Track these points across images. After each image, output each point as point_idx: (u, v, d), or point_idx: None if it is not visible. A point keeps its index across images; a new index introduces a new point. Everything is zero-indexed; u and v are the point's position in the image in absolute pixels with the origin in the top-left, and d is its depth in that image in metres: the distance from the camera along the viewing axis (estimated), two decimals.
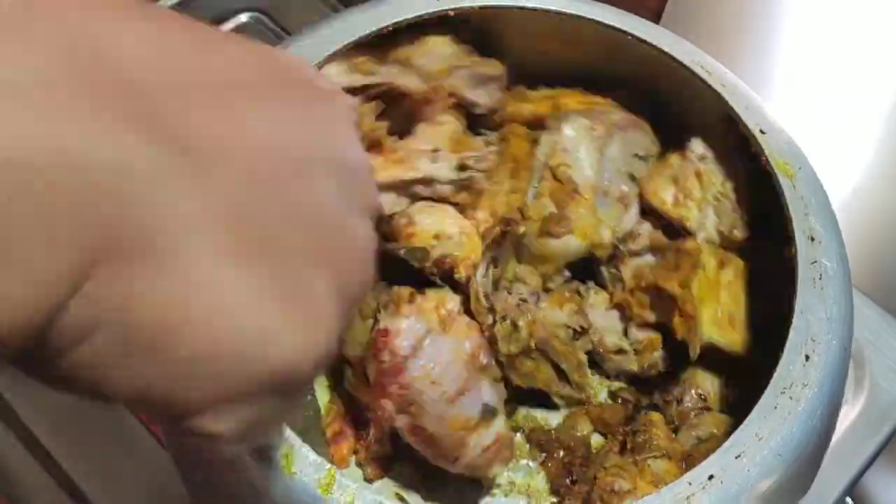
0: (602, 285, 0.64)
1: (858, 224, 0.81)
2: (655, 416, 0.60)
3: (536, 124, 0.65)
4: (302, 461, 0.46)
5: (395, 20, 0.62)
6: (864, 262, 0.76)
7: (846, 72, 0.87)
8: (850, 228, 0.60)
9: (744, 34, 0.90)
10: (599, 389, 0.65)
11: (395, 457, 0.60)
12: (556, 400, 0.62)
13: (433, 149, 0.59)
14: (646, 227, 0.63)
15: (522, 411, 0.64)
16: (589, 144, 0.62)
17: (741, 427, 0.48)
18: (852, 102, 0.87)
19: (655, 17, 0.89)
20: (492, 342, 0.55)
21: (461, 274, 0.55)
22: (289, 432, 0.46)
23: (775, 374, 0.50)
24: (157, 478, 0.68)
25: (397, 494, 0.59)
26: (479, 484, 0.60)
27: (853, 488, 0.70)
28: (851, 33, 0.86)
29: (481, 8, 0.64)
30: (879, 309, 0.76)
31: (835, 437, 0.59)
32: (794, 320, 0.51)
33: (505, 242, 0.58)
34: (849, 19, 0.86)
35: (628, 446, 0.58)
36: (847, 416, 0.72)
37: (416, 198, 0.59)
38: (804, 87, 0.88)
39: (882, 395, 0.73)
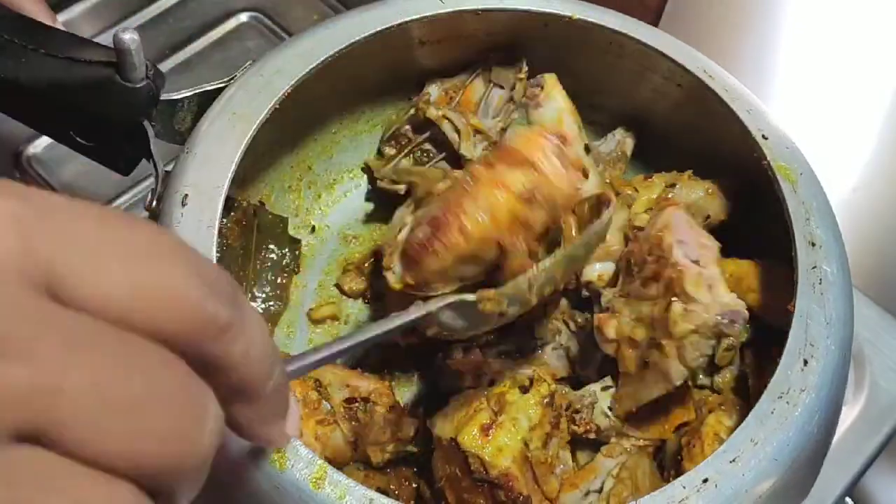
0: None
1: (858, 224, 0.81)
2: None
3: None
4: (293, 456, 0.46)
5: (395, 22, 0.63)
6: (864, 262, 0.76)
7: (846, 72, 0.86)
8: (850, 228, 0.60)
9: (744, 34, 0.90)
10: None
11: None
12: None
13: None
14: None
15: None
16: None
17: (737, 431, 0.48)
18: (852, 102, 0.86)
19: (655, 17, 0.89)
20: None
21: None
22: None
23: (773, 379, 0.50)
24: None
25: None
26: None
27: (853, 488, 0.70)
28: (851, 33, 0.86)
29: (481, 11, 0.64)
30: (879, 309, 0.76)
31: (835, 438, 0.59)
32: (793, 324, 0.51)
33: None
34: (848, 20, 0.86)
35: None
36: (847, 416, 0.72)
37: None
38: (804, 87, 0.88)
39: (882, 395, 0.73)
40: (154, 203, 0.57)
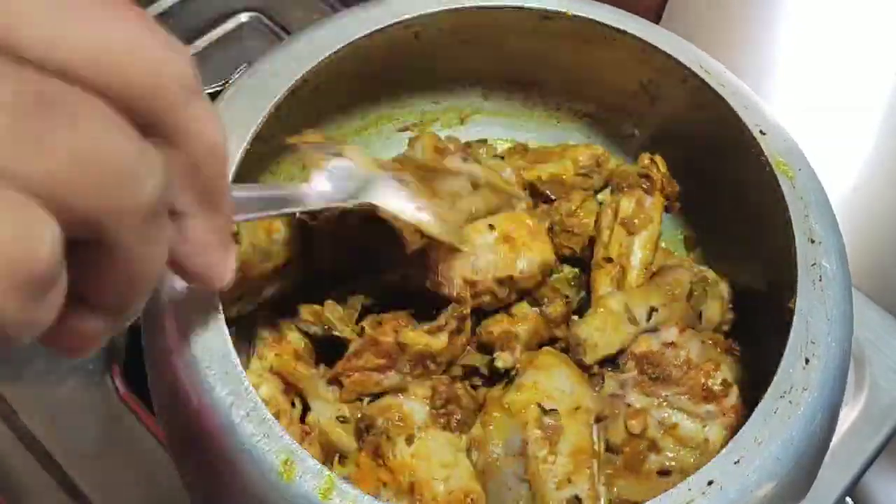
0: None
1: (858, 224, 0.81)
2: None
3: None
4: (301, 467, 0.46)
5: (394, 20, 0.63)
6: (864, 262, 0.76)
7: (845, 71, 0.87)
8: (850, 228, 0.60)
9: (744, 34, 0.90)
10: None
11: None
12: None
13: None
14: None
15: None
16: None
17: (741, 432, 0.48)
18: (852, 102, 0.86)
19: (655, 17, 0.89)
20: None
21: None
22: (288, 438, 0.46)
23: (775, 378, 0.49)
24: (157, 478, 0.68)
25: None
26: None
27: (853, 488, 0.70)
28: (850, 32, 0.86)
29: (479, 9, 0.64)
30: (880, 309, 0.76)
31: (835, 438, 0.58)
32: (794, 322, 0.51)
33: None
34: (848, 19, 0.86)
35: None
36: (847, 416, 0.72)
37: None
38: (804, 86, 0.88)
39: (882, 395, 0.73)
40: None
